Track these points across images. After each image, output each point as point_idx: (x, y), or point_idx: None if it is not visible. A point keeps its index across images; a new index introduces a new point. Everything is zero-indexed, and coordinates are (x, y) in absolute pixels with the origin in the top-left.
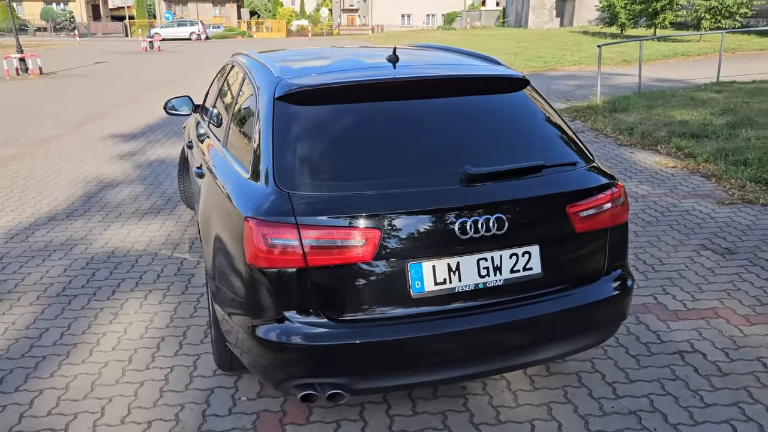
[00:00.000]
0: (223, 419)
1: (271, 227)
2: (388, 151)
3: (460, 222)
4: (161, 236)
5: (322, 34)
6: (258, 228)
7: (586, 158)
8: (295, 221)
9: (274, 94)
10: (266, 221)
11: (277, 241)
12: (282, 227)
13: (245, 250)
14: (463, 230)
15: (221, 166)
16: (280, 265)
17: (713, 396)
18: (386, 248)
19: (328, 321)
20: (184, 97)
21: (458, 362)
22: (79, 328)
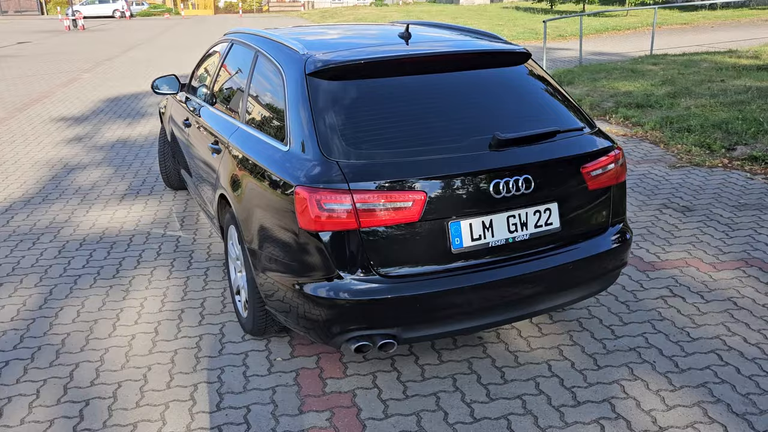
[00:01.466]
0: (265, 378)
1: (325, 193)
2: (420, 120)
3: (494, 183)
4: (148, 216)
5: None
6: (312, 195)
7: (590, 124)
8: (348, 187)
9: (305, 70)
10: (319, 188)
11: (332, 206)
12: (336, 193)
13: (298, 216)
14: (496, 190)
15: (248, 141)
16: (334, 227)
17: (697, 331)
18: (430, 209)
19: (379, 277)
20: (170, 76)
21: (492, 309)
22: (94, 306)
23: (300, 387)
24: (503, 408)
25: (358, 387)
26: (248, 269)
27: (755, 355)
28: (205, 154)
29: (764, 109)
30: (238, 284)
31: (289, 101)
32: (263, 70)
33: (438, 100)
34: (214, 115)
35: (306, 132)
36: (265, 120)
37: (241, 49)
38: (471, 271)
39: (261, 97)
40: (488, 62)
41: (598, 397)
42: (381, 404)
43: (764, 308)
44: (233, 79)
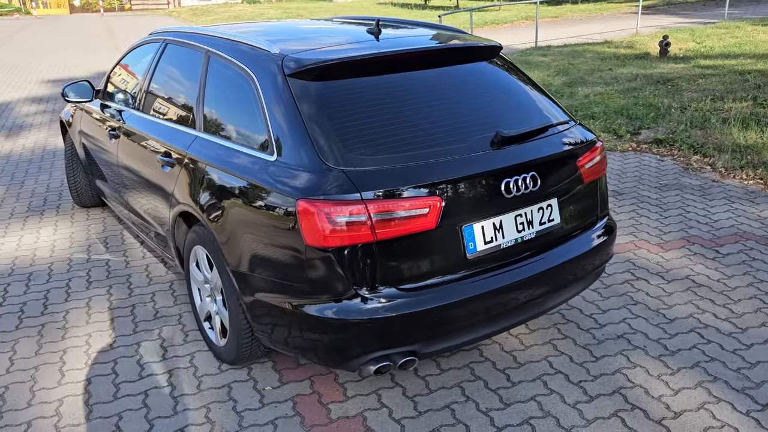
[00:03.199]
0: (260, 411)
1: (334, 205)
2: (417, 121)
3: (505, 182)
4: (63, 239)
5: (113, 9)
6: (319, 208)
7: (572, 117)
8: (361, 196)
9: (283, 71)
10: (328, 200)
11: (344, 218)
12: (348, 204)
13: (303, 232)
14: (507, 189)
15: (215, 152)
16: (348, 242)
17: (671, 312)
18: (445, 214)
19: (398, 291)
20: (82, 83)
21: (508, 313)
22: (29, 350)
23: (302, 417)
24: (521, 413)
25: (366, 408)
26: (230, 294)
27: (730, 330)
28: (148, 169)
29: (656, 95)
30: (208, 310)
31: (267, 106)
32: (221, 72)
33: (429, 98)
34: (157, 124)
35: (297, 139)
36: (232, 128)
37: (181, 51)
38: (487, 275)
39: (222, 102)
40: (471, 57)
41: (607, 389)
42: (396, 425)
43: (719, 283)
44: (176, 84)
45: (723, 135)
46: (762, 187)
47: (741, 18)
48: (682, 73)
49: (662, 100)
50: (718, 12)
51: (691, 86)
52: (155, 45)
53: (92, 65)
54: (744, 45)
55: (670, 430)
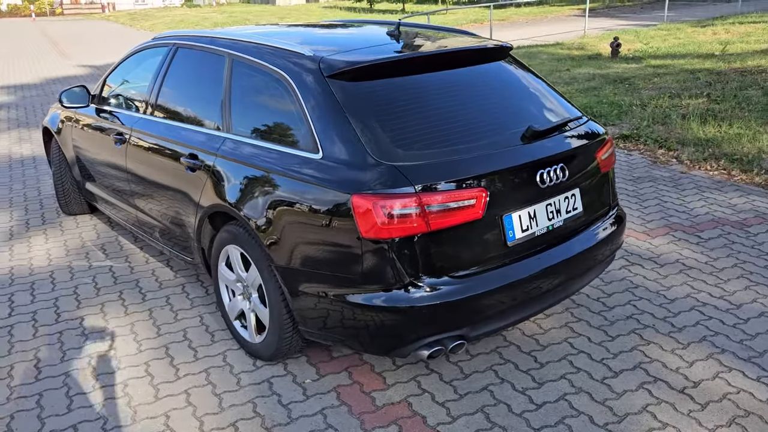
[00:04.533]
0: (306, 403)
1: (390, 198)
2: (454, 117)
3: (540, 173)
4: (57, 248)
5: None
6: (376, 201)
7: (582, 112)
8: (414, 189)
9: (322, 72)
10: (383, 193)
11: (400, 211)
12: (403, 197)
13: (359, 225)
14: (542, 180)
15: (251, 153)
16: (403, 233)
17: (671, 293)
18: (490, 204)
19: (449, 278)
20: (79, 87)
21: (542, 296)
22: (52, 357)
23: (349, 406)
24: (556, 390)
25: (408, 395)
26: (273, 291)
27: (726, 307)
28: (166, 172)
29: (616, 93)
30: (240, 308)
31: (307, 106)
32: (249, 75)
33: (461, 95)
34: (175, 127)
35: (344, 137)
36: (267, 128)
37: (198, 55)
38: (524, 261)
39: (252, 104)
40: (490, 56)
41: (629, 365)
42: (441, 408)
43: (707, 265)
44: (195, 87)
45: (684, 130)
46: (726, 177)
47: (679, 20)
48: (636, 72)
49: (623, 98)
50: (656, 15)
51: (648, 85)
52: (163, 49)
53: (40, 71)
54: (687, 45)
55: (693, 397)
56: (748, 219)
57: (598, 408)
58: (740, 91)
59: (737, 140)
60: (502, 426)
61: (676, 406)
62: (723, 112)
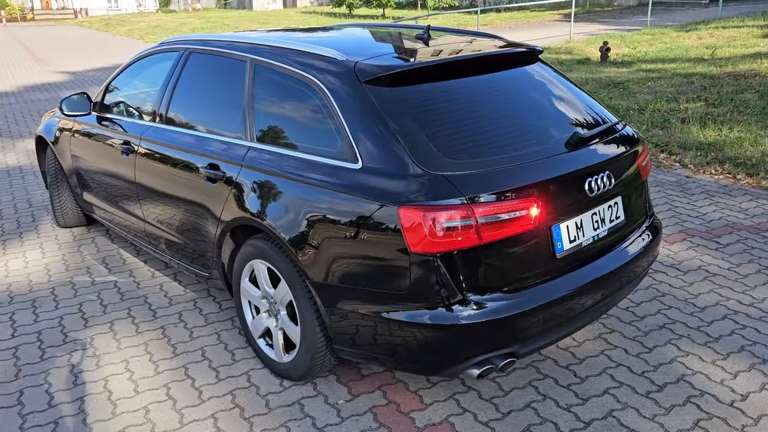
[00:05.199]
0: (342, 426)
1: (442, 210)
2: (496, 124)
3: (588, 182)
4: (56, 262)
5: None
6: (426, 213)
7: (618, 118)
8: (466, 200)
9: (357, 78)
10: (434, 205)
11: (452, 223)
12: (455, 209)
13: (407, 238)
14: (590, 189)
15: (283, 163)
16: (455, 246)
17: (700, 301)
18: (541, 215)
19: (501, 293)
20: (80, 95)
21: (589, 309)
22: (64, 381)
23: (388, 428)
24: (601, 406)
25: (449, 414)
26: (306, 308)
27: (759, 315)
28: (182, 183)
29: (612, 98)
30: (266, 326)
31: (343, 113)
32: (274, 80)
33: (500, 101)
34: (191, 136)
35: (387, 145)
36: (296, 137)
37: (214, 60)
38: (572, 274)
39: (279, 111)
40: (523, 60)
41: (671, 378)
42: (485, 428)
43: (731, 272)
44: (212, 94)
45: (684, 134)
46: (733, 181)
47: (662, 25)
48: (629, 76)
49: (619, 103)
50: (637, 20)
51: (642, 89)
52: (173, 54)
53: (17, 79)
54: (675, 50)
55: (744, 411)
56: (763, 224)
57: (648, 425)
58: (736, 94)
59: (739, 144)
60: None
61: (728, 422)
62: (722, 115)
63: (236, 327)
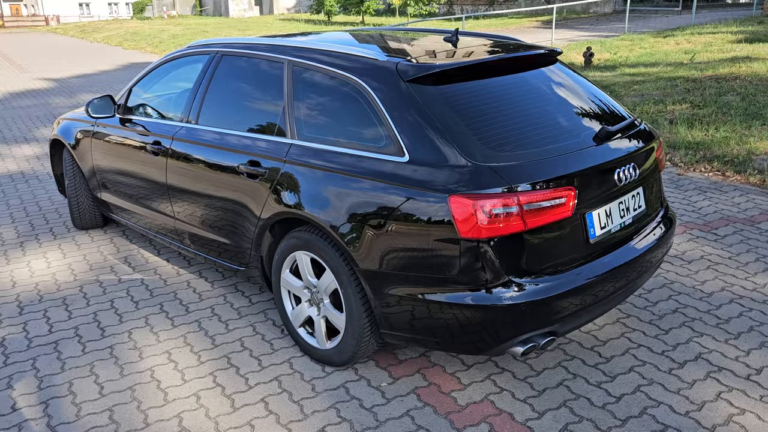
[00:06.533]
0: (389, 406)
1: (491, 198)
2: (533, 119)
3: (617, 172)
4: (79, 262)
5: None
6: (476, 201)
7: (634, 115)
8: (513, 189)
9: (401, 77)
10: (484, 194)
11: (500, 210)
12: (503, 197)
13: (458, 225)
14: (619, 179)
15: (329, 159)
16: (502, 232)
17: (706, 287)
18: (578, 203)
19: (542, 276)
20: (105, 97)
21: (616, 292)
22: (111, 373)
23: (433, 407)
24: (629, 382)
25: (488, 393)
26: (352, 295)
27: (763, 299)
28: (219, 181)
29: None
30: (308, 315)
31: (387, 110)
32: (314, 81)
33: (534, 97)
34: (229, 135)
35: (433, 139)
36: (343, 134)
37: (249, 62)
38: (604, 258)
39: (321, 110)
40: (547, 60)
41: (690, 356)
42: (524, 404)
43: (732, 261)
44: (249, 95)
45: (673, 134)
46: (722, 178)
47: (639, 31)
48: (614, 80)
49: None
50: (613, 26)
51: (629, 92)
52: (203, 57)
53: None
54: (655, 54)
55: (761, 384)
56: (756, 216)
57: (675, 398)
58: (719, 97)
59: (726, 143)
60: (589, 419)
61: (747, 393)
62: (707, 116)
63: (270, 319)
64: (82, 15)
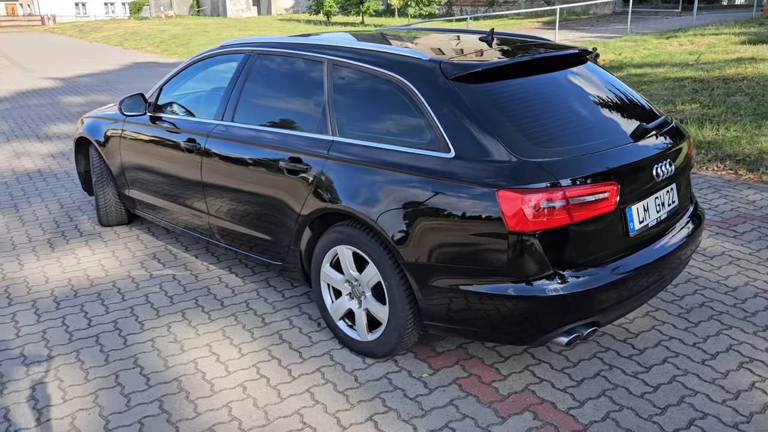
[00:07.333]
0: (432, 396)
1: (539, 192)
2: (574, 115)
3: (655, 168)
4: (108, 259)
5: None
6: (525, 195)
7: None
8: (560, 183)
9: (445, 75)
10: (533, 188)
11: (548, 204)
12: (550, 191)
13: (506, 219)
14: (657, 174)
15: (373, 154)
16: (549, 225)
17: (731, 282)
18: (620, 198)
19: (589, 268)
20: (137, 96)
21: (653, 285)
22: (154, 365)
23: (476, 396)
24: (664, 373)
25: (528, 383)
26: (396, 288)
27: None
28: (257, 177)
29: None
30: (348, 308)
31: (432, 108)
32: (355, 79)
33: (571, 96)
34: (269, 132)
35: (480, 136)
36: (386, 130)
37: (288, 61)
38: (642, 251)
39: (364, 108)
40: (581, 59)
41: (722, 348)
42: (564, 394)
43: (753, 256)
44: (287, 93)
45: None
46: (735, 177)
47: (640, 32)
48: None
49: None
50: (614, 27)
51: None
52: (237, 56)
53: (7, 85)
54: (659, 55)
55: None
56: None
57: (710, 387)
58: (728, 97)
59: (737, 142)
60: (629, 407)
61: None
62: (717, 116)
63: (305, 313)
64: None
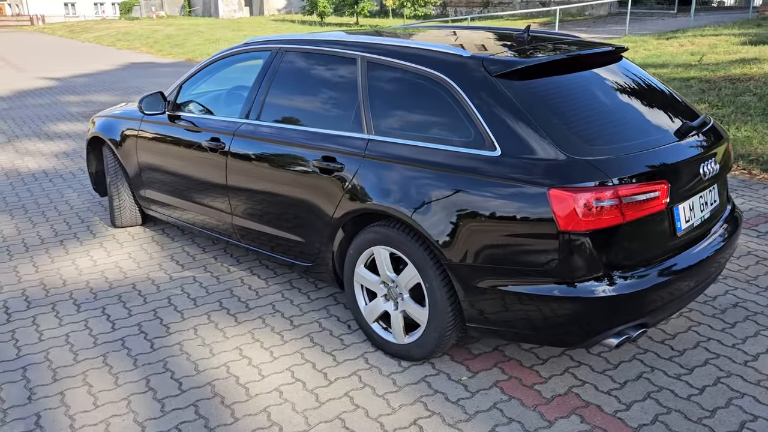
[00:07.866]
0: (474, 399)
1: (592, 191)
2: (619, 114)
3: (702, 166)
4: (124, 260)
5: None
6: (577, 195)
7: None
8: (613, 182)
9: (488, 72)
10: (586, 187)
11: (601, 203)
12: (603, 190)
13: (558, 218)
14: (704, 173)
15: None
16: (601, 224)
17: (761, 281)
18: (670, 196)
19: (641, 269)
20: (156, 94)
21: (698, 285)
22: (185, 368)
23: (519, 399)
24: (708, 375)
25: (571, 386)
26: (436, 289)
27: None
28: (288, 177)
29: None
30: (384, 310)
31: (475, 106)
32: (392, 77)
33: (613, 93)
34: (300, 131)
35: (527, 133)
36: (426, 129)
37: (318, 58)
38: (689, 251)
39: (401, 106)
40: (617, 57)
41: (762, 349)
42: (609, 396)
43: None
44: (318, 91)
45: None
46: (749, 177)
47: (639, 33)
48: None
49: None
50: (611, 29)
51: None
52: (263, 54)
53: (3, 84)
54: (661, 56)
55: None
56: None
57: (757, 389)
58: (736, 97)
59: (748, 142)
60: (677, 410)
61: None
62: (726, 116)
63: (333, 315)
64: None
